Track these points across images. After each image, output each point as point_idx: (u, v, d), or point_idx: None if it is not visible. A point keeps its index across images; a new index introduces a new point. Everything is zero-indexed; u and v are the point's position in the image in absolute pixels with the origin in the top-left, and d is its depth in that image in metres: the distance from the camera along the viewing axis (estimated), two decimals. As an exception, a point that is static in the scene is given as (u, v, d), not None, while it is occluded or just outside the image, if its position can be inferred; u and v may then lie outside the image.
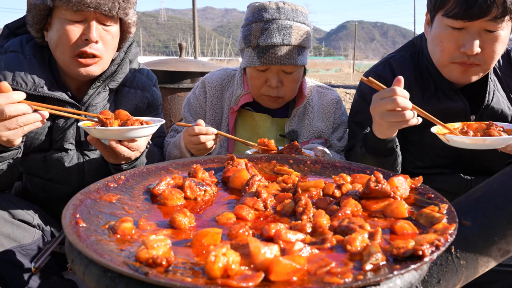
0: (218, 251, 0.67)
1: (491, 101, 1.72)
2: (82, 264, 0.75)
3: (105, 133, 1.43)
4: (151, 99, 1.92)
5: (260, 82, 1.86)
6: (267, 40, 1.79)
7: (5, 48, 1.69)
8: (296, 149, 1.49)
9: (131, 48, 1.85)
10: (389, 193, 0.99)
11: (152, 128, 1.50)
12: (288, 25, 1.81)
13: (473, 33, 1.54)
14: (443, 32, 1.59)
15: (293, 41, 1.80)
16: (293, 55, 1.80)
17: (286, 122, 1.99)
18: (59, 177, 1.75)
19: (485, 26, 1.52)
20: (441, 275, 0.97)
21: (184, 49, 4.40)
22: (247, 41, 1.86)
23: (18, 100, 1.29)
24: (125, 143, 1.50)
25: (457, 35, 1.57)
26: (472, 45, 1.54)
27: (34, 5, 1.59)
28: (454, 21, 1.54)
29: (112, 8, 1.59)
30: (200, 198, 1.08)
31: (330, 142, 2.03)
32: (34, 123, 1.33)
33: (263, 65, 1.80)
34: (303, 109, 2.01)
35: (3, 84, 1.28)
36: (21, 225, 1.56)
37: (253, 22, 1.85)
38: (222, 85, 2.05)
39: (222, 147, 1.98)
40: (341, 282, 0.64)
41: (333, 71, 44.87)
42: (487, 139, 1.38)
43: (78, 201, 0.96)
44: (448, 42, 1.59)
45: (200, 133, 1.59)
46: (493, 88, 1.75)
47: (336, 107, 2.05)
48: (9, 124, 1.28)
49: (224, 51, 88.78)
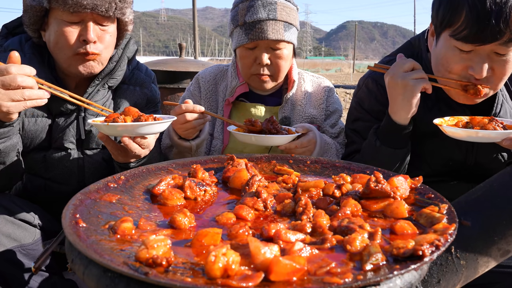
0: (218, 251, 0.67)
1: (498, 113, 1.68)
2: (82, 264, 0.75)
3: (118, 129, 1.42)
4: (150, 95, 1.92)
5: (249, 61, 1.89)
6: (253, 16, 1.83)
7: (4, 47, 1.69)
8: (273, 123, 1.64)
9: (129, 46, 1.85)
10: (389, 193, 0.99)
11: (164, 125, 1.49)
12: (273, 1, 1.85)
13: (482, 56, 1.46)
14: (450, 53, 1.50)
15: (278, 16, 1.83)
16: (279, 30, 1.83)
17: (279, 109, 2.02)
18: (59, 176, 1.75)
19: (496, 49, 1.44)
20: (441, 275, 0.97)
21: (184, 49, 4.40)
22: (235, 21, 1.90)
23: (29, 74, 1.31)
24: (138, 140, 1.49)
25: (465, 57, 1.48)
26: (481, 69, 1.46)
27: (31, 6, 1.59)
28: (463, 44, 1.45)
29: (109, 9, 1.59)
30: (200, 198, 1.08)
31: (323, 128, 2.05)
32: (36, 100, 1.34)
33: (251, 41, 1.83)
34: (295, 96, 2.04)
35: (14, 54, 1.31)
36: (22, 225, 1.56)
37: (240, 2, 1.90)
38: (216, 79, 2.08)
39: (217, 139, 1.99)
40: (341, 282, 0.64)
41: (333, 71, 44.89)
42: (479, 132, 1.39)
43: (78, 201, 0.96)
44: (455, 64, 1.51)
45: (186, 111, 1.60)
46: (501, 98, 1.69)
47: (328, 95, 2.08)
48: (14, 95, 1.28)
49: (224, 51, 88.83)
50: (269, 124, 1.65)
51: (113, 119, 1.43)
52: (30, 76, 1.31)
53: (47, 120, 1.68)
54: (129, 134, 1.45)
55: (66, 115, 1.70)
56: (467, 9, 1.41)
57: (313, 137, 1.74)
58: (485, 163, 1.70)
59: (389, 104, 1.58)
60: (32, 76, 1.32)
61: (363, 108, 1.81)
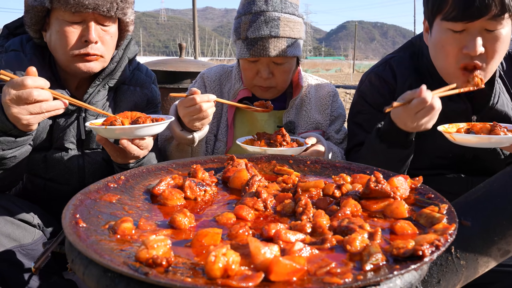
0: (218, 251, 0.67)
1: (496, 103, 1.72)
2: (82, 264, 0.75)
3: (116, 133, 1.42)
4: (150, 96, 1.92)
5: (251, 74, 1.89)
6: (255, 32, 1.81)
7: (5, 47, 1.69)
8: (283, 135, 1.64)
9: (130, 46, 1.85)
10: (389, 193, 0.99)
11: (162, 126, 1.49)
12: (275, 17, 1.83)
13: (474, 33, 1.53)
14: (444, 36, 1.58)
15: (281, 32, 1.82)
16: (281, 46, 1.82)
17: (283, 113, 2.01)
18: (59, 176, 1.75)
19: (485, 25, 1.51)
20: (441, 275, 0.97)
21: (184, 49, 4.40)
22: (237, 34, 1.89)
23: (44, 86, 1.32)
24: (136, 142, 1.49)
25: (459, 38, 1.55)
26: (474, 45, 1.52)
27: (32, 6, 1.59)
28: (454, 23, 1.53)
29: (110, 9, 1.60)
30: (200, 198, 1.08)
31: (328, 134, 2.05)
32: (55, 110, 1.36)
33: (252, 57, 1.83)
34: (300, 101, 2.03)
35: (31, 69, 1.32)
36: (22, 225, 1.56)
37: (243, 15, 1.88)
38: (221, 80, 2.07)
39: (221, 142, 1.98)
40: (341, 282, 0.64)
41: (333, 71, 44.91)
42: (492, 137, 1.41)
43: (78, 201, 0.96)
44: (450, 45, 1.58)
45: (202, 101, 1.56)
46: (499, 90, 1.74)
47: (333, 100, 2.08)
48: (33, 109, 1.30)
49: (224, 51, 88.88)
50: (280, 137, 1.65)
51: (110, 122, 1.44)
52: (44, 88, 1.32)
53: (48, 120, 1.68)
54: (127, 136, 1.45)
55: (67, 116, 1.71)
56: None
57: (322, 149, 1.73)
58: (483, 156, 1.74)
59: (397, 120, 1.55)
60: (46, 89, 1.33)
61: (366, 101, 1.83)
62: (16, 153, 1.46)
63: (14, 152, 1.45)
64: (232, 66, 2.12)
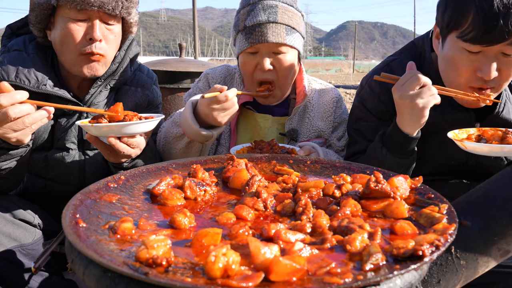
0: (218, 251, 0.67)
1: (501, 111, 1.68)
2: (82, 264, 0.75)
3: (102, 130, 1.42)
4: (151, 97, 1.92)
5: (251, 67, 1.83)
6: (253, 19, 1.78)
7: (8, 47, 1.70)
8: (272, 146, 1.61)
9: (131, 47, 1.85)
10: (389, 193, 0.99)
11: (150, 123, 1.47)
12: (273, 4, 1.81)
13: (490, 57, 1.47)
14: (458, 55, 1.51)
15: (279, 18, 1.78)
16: (280, 33, 1.77)
17: (286, 120, 1.98)
18: (60, 176, 1.75)
19: (503, 49, 1.45)
20: (441, 275, 0.97)
21: (184, 49, 4.40)
22: (237, 27, 1.87)
23: (21, 100, 1.25)
24: (125, 140, 1.48)
25: (474, 59, 1.49)
26: (489, 70, 1.47)
27: (38, 4, 1.60)
28: (471, 45, 1.45)
29: (115, 7, 1.60)
30: (200, 198, 1.08)
31: (330, 141, 2.02)
32: (41, 120, 1.31)
33: (251, 45, 1.78)
34: (303, 107, 1.99)
35: (3, 84, 1.25)
36: (22, 225, 1.56)
37: (241, 9, 1.87)
38: (225, 81, 2.04)
39: (223, 146, 1.97)
40: (341, 282, 0.64)
41: (333, 71, 44.92)
42: (505, 147, 1.38)
43: (78, 201, 0.96)
44: (463, 66, 1.51)
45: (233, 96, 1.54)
46: (505, 98, 1.70)
47: (337, 106, 2.04)
48: (15, 126, 1.26)
49: (224, 51, 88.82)
50: (269, 147, 1.62)
51: (97, 120, 1.43)
52: (23, 101, 1.25)
53: (50, 120, 1.68)
54: (115, 134, 1.44)
55: (68, 116, 1.71)
56: (474, 11, 1.41)
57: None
58: (486, 164, 1.71)
59: (397, 117, 1.55)
60: (26, 101, 1.26)
61: (366, 108, 1.79)
62: (10, 165, 1.46)
63: (9, 164, 1.45)
64: (235, 67, 2.09)
